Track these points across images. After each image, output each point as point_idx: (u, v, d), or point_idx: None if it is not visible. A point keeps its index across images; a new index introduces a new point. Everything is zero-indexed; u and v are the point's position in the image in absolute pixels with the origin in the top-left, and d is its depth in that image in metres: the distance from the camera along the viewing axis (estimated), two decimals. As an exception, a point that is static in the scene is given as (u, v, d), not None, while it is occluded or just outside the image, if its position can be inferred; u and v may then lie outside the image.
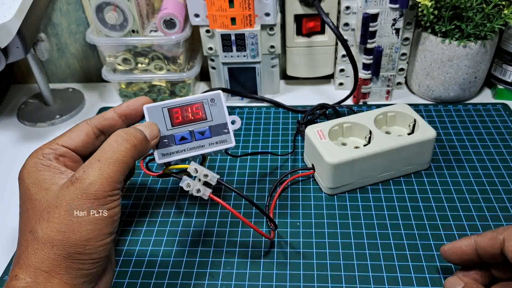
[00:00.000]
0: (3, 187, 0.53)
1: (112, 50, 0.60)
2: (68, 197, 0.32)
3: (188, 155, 0.38)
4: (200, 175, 0.36)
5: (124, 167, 0.33)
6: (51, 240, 0.31)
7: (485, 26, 0.54)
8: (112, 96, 0.69)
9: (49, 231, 0.31)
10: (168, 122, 0.38)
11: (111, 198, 0.32)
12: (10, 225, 0.47)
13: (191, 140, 0.38)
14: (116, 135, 0.34)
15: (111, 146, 0.34)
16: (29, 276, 0.31)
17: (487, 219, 0.44)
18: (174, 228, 0.45)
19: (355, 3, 0.57)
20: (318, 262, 0.41)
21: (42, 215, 0.32)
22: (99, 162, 0.33)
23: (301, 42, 0.62)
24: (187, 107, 0.38)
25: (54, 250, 0.31)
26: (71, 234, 0.31)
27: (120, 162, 0.33)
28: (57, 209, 0.31)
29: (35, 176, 0.34)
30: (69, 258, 0.31)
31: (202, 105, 0.39)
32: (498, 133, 0.55)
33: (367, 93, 0.62)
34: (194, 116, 0.38)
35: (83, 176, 0.32)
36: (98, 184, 0.32)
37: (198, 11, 0.57)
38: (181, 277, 0.40)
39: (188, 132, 0.38)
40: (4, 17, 0.49)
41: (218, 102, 0.39)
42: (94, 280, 0.33)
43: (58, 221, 0.31)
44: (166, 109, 0.38)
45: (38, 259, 0.31)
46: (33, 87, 0.72)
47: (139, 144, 0.35)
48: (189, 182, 0.36)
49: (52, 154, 0.36)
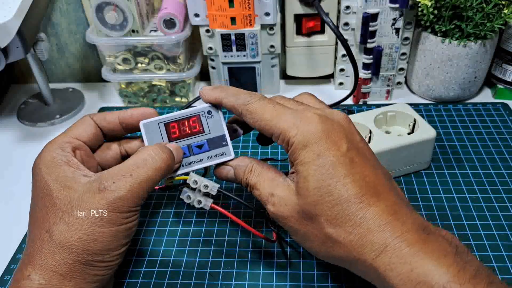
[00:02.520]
0: (3, 187, 0.53)
1: (112, 50, 0.60)
2: (94, 206, 0.31)
3: (187, 170, 0.37)
4: (200, 186, 0.36)
5: (152, 186, 0.33)
6: (70, 246, 0.31)
7: (485, 26, 0.54)
8: (112, 96, 0.69)
9: (69, 236, 0.31)
10: (165, 137, 0.37)
11: (133, 212, 0.33)
12: (10, 225, 0.47)
13: (189, 154, 0.37)
14: (154, 151, 0.34)
15: (146, 162, 0.33)
16: (43, 278, 0.30)
17: (487, 219, 0.44)
18: (174, 228, 0.45)
19: (355, 3, 0.57)
20: (318, 262, 0.41)
21: (63, 217, 0.31)
22: (131, 177, 0.32)
23: (301, 42, 0.62)
24: (183, 121, 0.38)
25: (73, 256, 0.31)
26: (92, 243, 0.31)
27: (151, 180, 0.33)
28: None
29: (56, 172, 0.33)
30: (86, 265, 0.31)
31: (199, 118, 0.38)
32: (498, 133, 0.55)
33: (367, 92, 0.62)
34: (191, 129, 0.38)
35: (112, 187, 0.32)
36: (126, 199, 0.32)
37: (198, 11, 0.57)
38: (181, 277, 0.40)
39: (185, 147, 0.37)
40: (4, 17, 0.49)
41: (215, 114, 0.38)
42: (105, 284, 0.34)
43: (80, 228, 0.31)
44: (162, 124, 0.38)
45: (55, 262, 0.31)
46: (33, 87, 0.72)
47: (172, 165, 0.35)
48: (189, 194, 0.36)
49: (69, 147, 0.35)
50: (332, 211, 0.30)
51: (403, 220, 0.29)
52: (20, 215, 0.41)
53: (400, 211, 0.30)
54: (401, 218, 0.30)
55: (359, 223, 0.29)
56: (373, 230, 0.29)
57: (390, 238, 0.29)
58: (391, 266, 0.28)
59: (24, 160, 0.57)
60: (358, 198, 0.30)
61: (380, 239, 0.29)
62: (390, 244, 0.28)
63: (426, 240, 0.28)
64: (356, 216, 0.30)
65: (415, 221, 0.30)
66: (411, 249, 0.28)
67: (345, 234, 0.30)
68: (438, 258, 0.27)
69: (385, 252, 0.28)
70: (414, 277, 0.27)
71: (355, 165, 0.31)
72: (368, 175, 0.31)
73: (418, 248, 0.28)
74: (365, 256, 0.29)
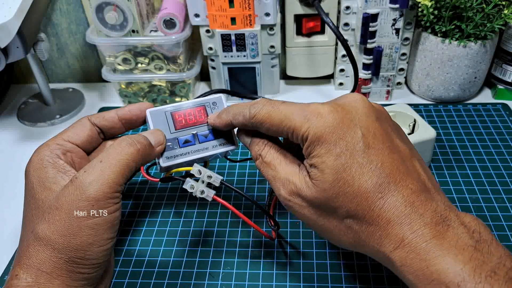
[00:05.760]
0: (4, 186, 0.53)
1: (112, 50, 0.60)
2: (69, 198, 0.31)
3: (192, 158, 0.38)
4: (203, 177, 0.36)
5: (126, 171, 0.33)
6: (52, 243, 0.31)
7: (485, 26, 0.54)
8: (112, 96, 0.69)
9: (49, 233, 0.31)
10: (171, 125, 0.38)
11: (111, 201, 0.32)
12: (11, 224, 0.47)
13: (195, 143, 0.38)
14: (120, 139, 0.34)
15: (115, 149, 0.33)
16: (30, 276, 0.30)
17: (487, 219, 0.44)
18: (174, 228, 0.45)
19: (355, 3, 0.57)
20: (318, 262, 0.41)
21: (44, 216, 0.32)
22: (101, 163, 0.32)
23: (301, 42, 0.62)
24: (190, 111, 0.39)
25: (56, 253, 0.31)
26: (71, 238, 0.31)
27: (123, 165, 0.33)
28: (57, 211, 0.31)
29: (39, 173, 0.34)
30: (70, 262, 0.31)
31: (205, 108, 0.39)
32: (498, 133, 0.55)
33: (367, 93, 0.62)
34: (197, 119, 0.39)
35: (84, 175, 0.32)
36: (99, 184, 0.31)
37: (198, 11, 0.57)
38: (181, 277, 0.40)
39: (191, 135, 0.38)
40: (4, 17, 0.49)
41: (220, 105, 0.40)
42: (94, 282, 0.34)
43: (59, 224, 0.31)
44: (169, 113, 0.39)
45: (39, 260, 0.31)
46: (33, 87, 0.72)
47: (143, 149, 0.34)
48: (193, 184, 0.36)
49: (59, 149, 0.35)
50: (352, 203, 0.30)
51: (421, 213, 0.29)
52: (20, 215, 0.41)
53: (419, 200, 0.29)
54: (420, 209, 0.29)
55: (379, 214, 0.29)
56: (392, 221, 0.29)
57: (408, 232, 0.28)
58: (408, 261, 0.28)
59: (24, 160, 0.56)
60: (377, 187, 0.29)
61: (398, 232, 0.28)
62: (407, 238, 0.28)
63: (444, 235, 0.28)
64: (376, 207, 0.29)
65: (435, 212, 0.29)
66: (427, 245, 0.27)
67: (365, 225, 0.30)
68: (455, 255, 0.27)
69: (402, 247, 0.28)
70: (429, 274, 0.27)
71: (371, 152, 0.30)
72: (385, 161, 0.30)
73: (435, 243, 0.27)
74: (384, 248, 0.29)
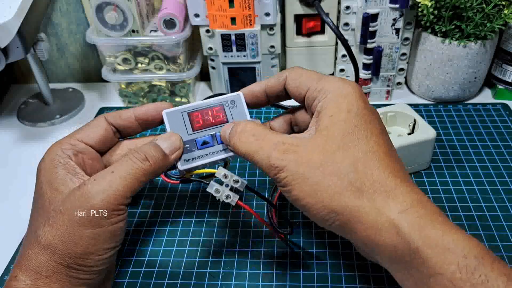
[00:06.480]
0: (4, 186, 0.53)
1: (112, 50, 0.60)
2: (73, 204, 0.31)
3: (211, 160, 0.36)
4: (229, 181, 0.35)
5: (135, 184, 0.32)
6: (53, 248, 0.30)
7: (485, 26, 0.54)
8: (112, 96, 0.69)
9: (51, 237, 0.31)
10: (188, 126, 0.37)
11: (116, 212, 0.32)
12: (12, 225, 0.47)
13: (213, 144, 0.37)
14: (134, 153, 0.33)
15: (128, 161, 0.33)
16: (29, 278, 0.30)
17: (487, 219, 0.44)
18: (174, 228, 0.45)
19: (355, 3, 0.57)
20: (318, 262, 0.41)
21: (48, 218, 0.31)
22: (112, 173, 0.32)
23: (301, 42, 0.62)
24: (207, 111, 0.37)
25: (55, 258, 0.30)
26: (72, 245, 0.30)
27: (133, 179, 0.32)
28: (61, 215, 0.31)
29: (50, 173, 0.33)
30: (69, 268, 0.31)
31: (223, 107, 0.37)
32: (498, 133, 0.55)
33: (367, 93, 0.62)
34: (215, 119, 0.37)
35: (92, 184, 0.31)
36: (105, 195, 0.31)
37: (198, 11, 0.57)
38: (181, 277, 0.40)
39: (209, 136, 0.37)
40: (4, 17, 0.49)
41: (239, 104, 0.37)
42: (95, 286, 0.33)
43: (61, 229, 0.31)
44: (186, 113, 0.37)
45: (39, 263, 0.30)
46: (33, 87, 0.72)
47: (155, 164, 0.33)
48: (218, 188, 0.35)
49: (71, 150, 0.35)
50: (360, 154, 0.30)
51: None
52: (20, 215, 0.41)
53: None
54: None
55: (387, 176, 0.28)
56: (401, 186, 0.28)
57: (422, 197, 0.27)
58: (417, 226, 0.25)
59: (24, 160, 0.57)
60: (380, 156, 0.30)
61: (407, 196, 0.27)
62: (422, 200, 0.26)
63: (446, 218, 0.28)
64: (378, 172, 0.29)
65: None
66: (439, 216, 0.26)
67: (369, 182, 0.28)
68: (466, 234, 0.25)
69: (413, 208, 0.26)
70: (444, 243, 0.24)
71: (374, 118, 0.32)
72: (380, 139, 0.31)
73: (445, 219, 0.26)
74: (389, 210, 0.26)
